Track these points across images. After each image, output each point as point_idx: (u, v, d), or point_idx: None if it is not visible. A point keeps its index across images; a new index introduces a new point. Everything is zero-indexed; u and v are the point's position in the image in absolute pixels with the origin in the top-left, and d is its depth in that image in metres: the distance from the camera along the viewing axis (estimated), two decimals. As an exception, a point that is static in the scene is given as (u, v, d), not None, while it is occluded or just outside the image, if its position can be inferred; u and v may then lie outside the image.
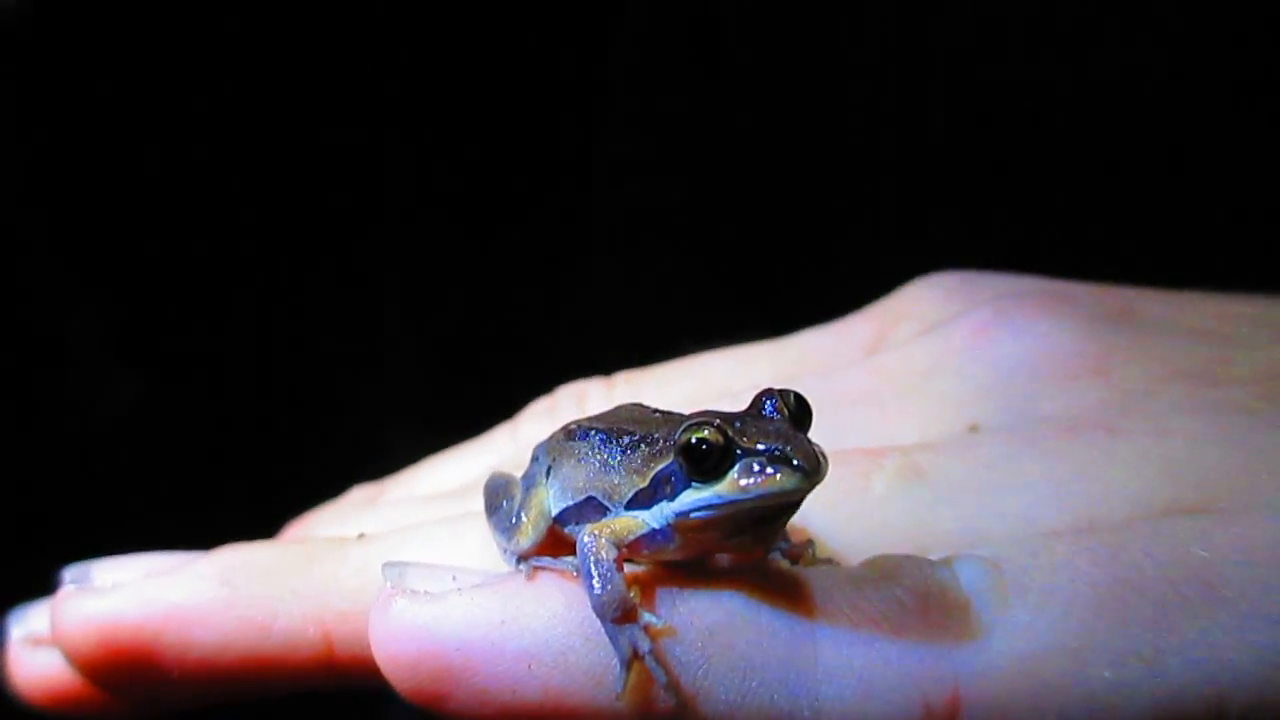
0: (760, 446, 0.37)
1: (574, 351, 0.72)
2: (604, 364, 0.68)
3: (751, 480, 0.37)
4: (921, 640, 0.38)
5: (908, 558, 0.41)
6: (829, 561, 0.43)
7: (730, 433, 0.38)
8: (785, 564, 0.42)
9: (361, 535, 0.50)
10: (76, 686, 0.50)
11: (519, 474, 0.49)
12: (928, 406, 0.54)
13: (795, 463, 0.37)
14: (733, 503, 0.38)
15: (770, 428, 0.38)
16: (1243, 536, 0.40)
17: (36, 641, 0.52)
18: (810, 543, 0.43)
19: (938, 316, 0.59)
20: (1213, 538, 0.40)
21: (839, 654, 0.38)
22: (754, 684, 0.37)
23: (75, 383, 0.97)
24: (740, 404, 0.42)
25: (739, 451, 0.38)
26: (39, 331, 0.98)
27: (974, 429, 0.51)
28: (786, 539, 0.43)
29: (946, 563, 0.40)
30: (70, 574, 0.49)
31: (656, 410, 0.45)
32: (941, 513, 0.45)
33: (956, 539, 0.44)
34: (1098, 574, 0.39)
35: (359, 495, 0.63)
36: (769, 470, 0.37)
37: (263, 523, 0.61)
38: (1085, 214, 0.88)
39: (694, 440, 0.38)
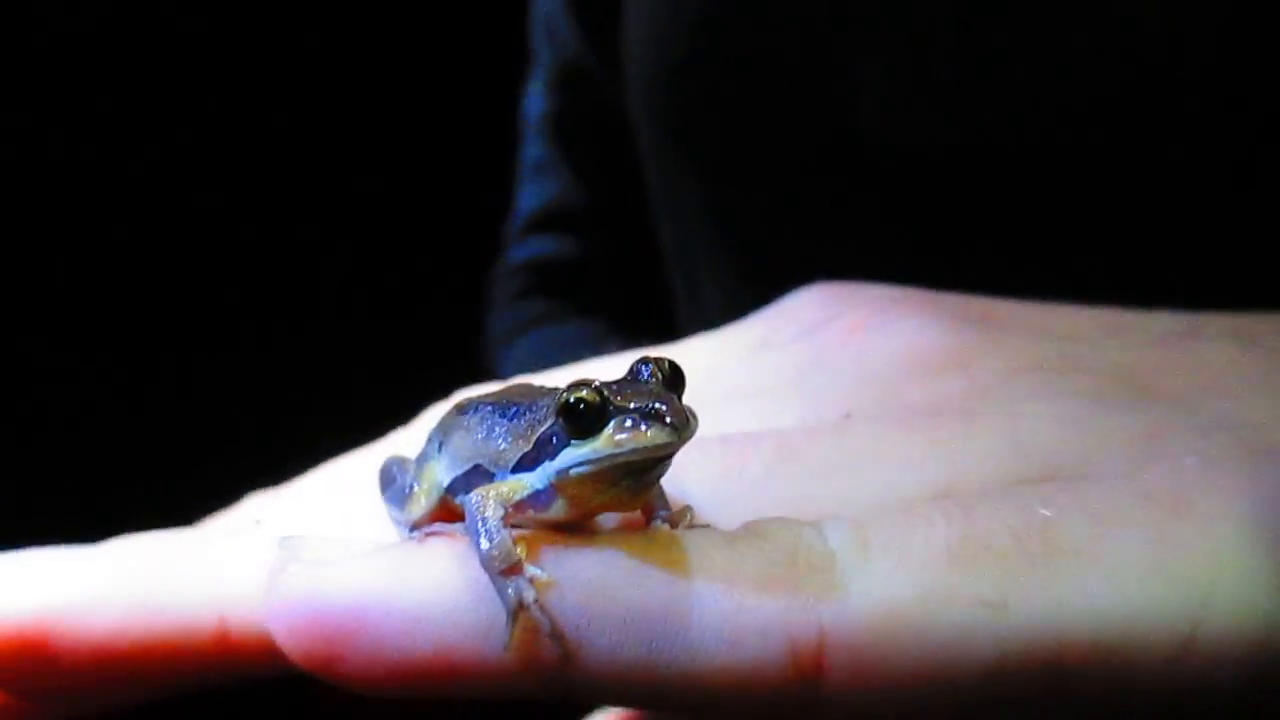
0: (633, 405, 0.40)
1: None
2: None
3: (625, 435, 0.40)
4: (788, 593, 0.40)
5: (780, 520, 0.44)
6: (706, 526, 0.45)
7: (606, 393, 0.41)
8: (665, 529, 0.44)
9: (258, 522, 0.51)
10: None
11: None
12: (805, 398, 0.57)
13: (667, 420, 0.40)
14: (608, 456, 0.41)
15: (644, 389, 0.41)
16: (1081, 499, 0.44)
17: None
18: (688, 509, 0.46)
19: (817, 319, 0.63)
20: (1055, 500, 0.44)
21: (712, 606, 0.40)
22: (634, 633, 0.39)
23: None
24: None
25: (614, 410, 0.40)
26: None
27: (847, 417, 0.55)
28: (667, 508, 0.46)
29: (815, 525, 0.43)
30: None
31: (543, 386, 0.48)
32: (814, 488, 0.48)
33: (827, 510, 0.47)
34: (950, 531, 0.43)
35: (256, 500, 0.63)
36: (641, 426, 0.40)
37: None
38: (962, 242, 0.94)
39: (572, 400, 0.41)
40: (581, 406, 0.41)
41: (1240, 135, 0.82)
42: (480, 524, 0.40)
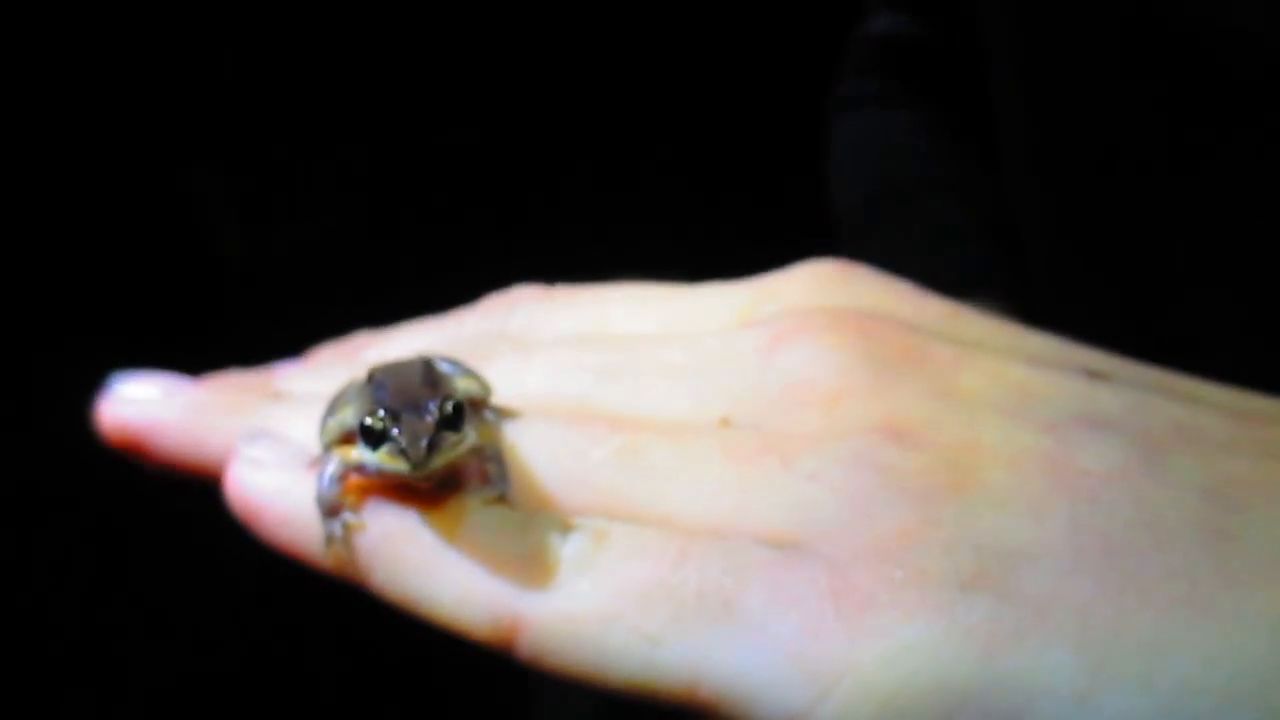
0: (396, 434, 0.55)
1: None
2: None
3: (387, 454, 0.55)
4: (510, 578, 0.54)
5: (550, 516, 0.57)
6: (504, 503, 0.59)
7: (388, 424, 0.55)
8: (470, 500, 0.59)
9: (277, 394, 0.72)
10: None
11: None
12: (710, 391, 0.63)
13: (410, 455, 0.54)
14: (376, 464, 0.56)
15: (417, 425, 0.55)
16: (783, 574, 0.51)
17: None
18: (495, 485, 0.59)
19: (793, 303, 0.67)
20: (758, 570, 0.51)
21: (453, 571, 0.55)
22: (400, 573, 0.56)
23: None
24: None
25: (390, 436, 0.55)
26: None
27: (723, 422, 0.62)
28: (503, 480, 0.59)
29: (568, 526, 0.56)
30: (114, 380, 0.74)
31: (430, 369, 0.61)
32: (625, 487, 0.58)
33: (622, 511, 0.58)
34: (659, 571, 0.52)
35: (358, 340, 0.83)
36: (394, 454, 0.55)
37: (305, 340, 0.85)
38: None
39: (366, 422, 0.56)
40: (371, 428, 0.56)
41: None
42: (324, 474, 0.58)
